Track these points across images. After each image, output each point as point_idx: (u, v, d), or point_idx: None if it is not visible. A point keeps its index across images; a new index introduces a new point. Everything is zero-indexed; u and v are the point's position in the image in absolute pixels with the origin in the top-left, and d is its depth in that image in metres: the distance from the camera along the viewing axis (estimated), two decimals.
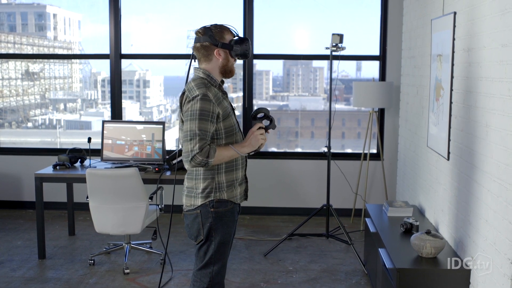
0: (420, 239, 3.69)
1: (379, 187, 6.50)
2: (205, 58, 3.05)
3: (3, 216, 6.61)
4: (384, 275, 3.85)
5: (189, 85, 3.00)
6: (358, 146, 7.34)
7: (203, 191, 3.02)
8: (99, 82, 8.38)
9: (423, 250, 3.66)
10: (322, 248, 5.53)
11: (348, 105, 8.02)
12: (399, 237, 4.21)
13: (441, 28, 4.44)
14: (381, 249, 4.05)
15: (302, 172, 6.66)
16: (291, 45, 7.32)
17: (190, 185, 3.07)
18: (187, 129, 2.89)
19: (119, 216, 4.68)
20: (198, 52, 3.06)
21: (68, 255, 5.30)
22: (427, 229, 3.76)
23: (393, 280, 3.60)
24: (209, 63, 3.05)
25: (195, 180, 3.04)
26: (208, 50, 3.02)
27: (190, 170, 3.05)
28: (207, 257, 3.07)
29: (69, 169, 5.26)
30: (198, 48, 3.05)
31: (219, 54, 3.02)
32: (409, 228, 4.26)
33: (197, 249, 3.10)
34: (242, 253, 5.37)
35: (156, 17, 7.44)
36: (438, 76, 4.47)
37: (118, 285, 4.60)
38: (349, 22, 7.03)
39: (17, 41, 7.94)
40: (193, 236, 3.08)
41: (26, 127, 8.32)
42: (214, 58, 3.03)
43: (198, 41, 3.03)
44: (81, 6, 8.05)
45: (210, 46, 3.01)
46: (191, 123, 2.88)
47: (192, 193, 3.05)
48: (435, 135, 4.53)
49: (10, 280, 4.71)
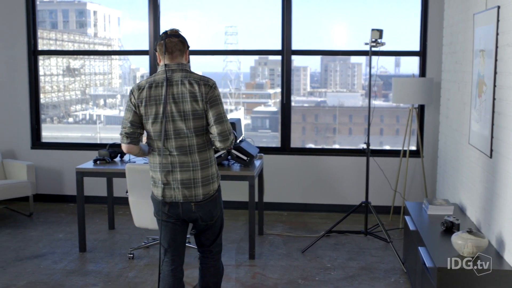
0: (461, 238, 3.62)
1: (419, 185, 6.42)
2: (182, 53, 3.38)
3: (45, 210, 6.75)
4: (424, 274, 3.80)
5: (195, 75, 3.29)
6: (397, 143, 7.26)
7: (216, 175, 3.40)
8: (138, 78, 8.46)
9: (465, 249, 3.59)
10: (360, 245, 5.48)
11: (387, 101, 7.93)
12: (439, 236, 4.14)
13: (484, 23, 4.34)
14: (421, 247, 4.00)
15: (340, 168, 6.62)
16: (329, 40, 7.26)
17: (206, 173, 3.32)
18: (219, 112, 3.24)
19: None
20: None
21: (108, 249, 5.38)
22: (469, 228, 3.69)
23: (433, 279, 3.54)
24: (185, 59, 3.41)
25: (210, 169, 3.35)
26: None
27: (204, 160, 3.30)
28: (220, 226, 3.54)
29: (109, 164, 5.34)
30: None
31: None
32: (450, 226, 4.18)
33: (212, 227, 3.47)
34: (280, 250, 5.37)
35: (194, 14, 7.48)
36: (480, 72, 4.38)
37: (156, 279, 4.64)
38: (388, 17, 6.95)
39: (58, 38, 8.08)
40: (213, 217, 3.43)
41: (67, 122, 8.47)
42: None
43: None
44: (121, 3, 8.16)
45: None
46: (221, 107, 3.27)
47: (210, 180, 3.34)
48: (477, 132, 4.44)
49: (52, 272, 4.80)
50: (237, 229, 5.97)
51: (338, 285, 4.54)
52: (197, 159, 3.28)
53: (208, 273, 3.59)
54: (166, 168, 3.29)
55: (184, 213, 3.35)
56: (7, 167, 6.70)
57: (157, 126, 3.24)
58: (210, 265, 3.59)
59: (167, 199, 3.32)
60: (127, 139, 3.31)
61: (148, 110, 3.24)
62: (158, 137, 3.26)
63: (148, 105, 3.24)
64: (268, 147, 6.93)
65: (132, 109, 3.28)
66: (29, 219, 6.40)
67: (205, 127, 3.27)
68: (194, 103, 3.20)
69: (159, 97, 3.23)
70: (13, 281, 4.59)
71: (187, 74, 3.26)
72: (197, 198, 3.30)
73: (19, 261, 5.07)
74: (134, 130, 3.30)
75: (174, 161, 3.27)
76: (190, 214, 3.35)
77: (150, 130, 3.29)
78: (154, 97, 3.24)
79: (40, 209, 6.78)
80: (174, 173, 3.28)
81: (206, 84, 3.24)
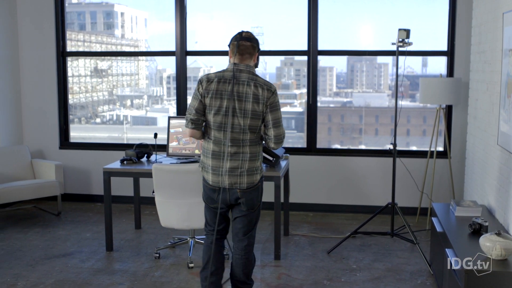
0: (489, 240, 3.57)
1: (446, 186, 6.35)
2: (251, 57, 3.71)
3: (73, 209, 6.84)
4: (451, 277, 3.75)
5: (260, 79, 3.63)
6: (423, 144, 7.18)
7: (260, 168, 3.75)
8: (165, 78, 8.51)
9: (493, 252, 3.54)
10: (386, 246, 5.44)
11: (413, 101, 7.85)
12: (467, 238, 4.09)
13: None
14: (448, 249, 3.95)
15: (366, 169, 6.58)
16: (355, 40, 7.22)
17: (252, 165, 3.66)
18: (277, 117, 3.63)
19: (184, 211, 4.75)
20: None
21: (135, 248, 5.43)
22: (497, 230, 3.63)
23: (461, 281, 3.50)
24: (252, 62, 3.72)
25: (256, 161, 3.69)
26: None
27: (253, 154, 3.66)
28: (257, 217, 3.84)
29: (136, 164, 5.38)
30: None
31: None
32: (477, 228, 4.13)
33: (249, 216, 3.77)
34: (306, 250, 5.35)
35: (221, 14, 7.50)
36: (510, 72, 4.31)
37: (182, 278, 4.67)
38: (415, 17, 6.87)
39: (86, 39, 8.17)
40: (254, 205, 3.74)
41: (95, 122, 8.55)
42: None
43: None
44: (148, 4, 8.20)
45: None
46: (279, 112, 3.65)
47: (254, 172, 3.68)
48: (506, 133, 4.37)
49: (80, 271, 4.86)
50: (263, 230, 5.98)
51: (363, 287, 4.52)
52: (247, 151, 3.64)
53: (240, 264, 3.86)
54: (219, 156, 3.63)
55: (231, 199, 3.70)
56: (36, 167, 6.80)
57: (218, 117, 3.59)
58: (243, 256, 3.85)
59: (215, 184, 3.67)
60: (192, 124, 3.67)
61: (213, 102, 3.59)
62: (217, 128, 3.61)
63: (214, 97, 3.58)
64: (294, 147, 6.92)
65: (198, 98, 3.63)
66: (57, 218, 6.49)
67: (259, 126, 3.64)
68: (255, 105, 3.57)
69: (225, 92, 3.58)
70: (42, 279, 4.66)
71: (253, 76, 3.62)
72: (241, 186, 3.65)
73: (47, 259, 5.15)
74: (199, 117, 3.66)
75: (226, 151, 3.60)
76: (236, 200, 3.70)
77: (210, 120, 3.63)
78: (220, 91, 3.58)
79: (68, 208, 6.87)
80: (224, 161, 3.62)
81: (269, 89, 3.61)
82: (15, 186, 6.25)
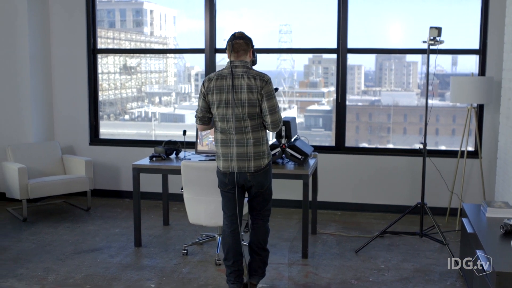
0: None
1: (477, 186, 6.26)
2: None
3: (102, 205, 6.91)
4: (482, 278, 3.70)
5: (253, 71, 3.97)
6: (453, 143, 7.10)
7: (267, 153, 4.08)
8: (193, 76, 8.54)
9: None
10: (415, 247, 5.40)
11: (443, 100, 7.77)
12: (498, 239, 4.03)
13: None
14: (478, 250, 3.90)
15: (395, 168, 6.54)
16: (384, 38, 7.16)
17: (257, 150, 4.00)
18: (273, 104, 3.94)
19: (212, 208, 4.76)
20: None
21: (163, 244, 5.47)
22: None
23: (492, 283, 3.45)
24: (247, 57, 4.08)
25: (261, 146, 4.02)
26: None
27: (256, 139, 3.99)
28: (269, 194, 4.20)
29: (164, 160, 5.42)
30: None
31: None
32: (509, 230, 4.06)
33: (262, 195, 4.13)
34: (333, 249, 5.34)
35: (249, 12, 7.50)
36: None
37: (210, 275, 4.69)
38: (445, 15, 6.79)
39: (116, 37, 8.25)
40: (263, 186, 4.08)
41: (123, 119, 8.62)
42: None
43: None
44: (177, 2, 8.24)
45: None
46: (274, 100, 3.97)
47: (261, 156, 4.02)
48: None
49: (109, 266, 4.92)
50: (291, 228, 5.97)
51: (392, 287, 4.48)
52: (251, 137, 3.97)
53: (259, 232, 4.23)
54: (226, 143, 4.00)
55: (240, 180, 4.03)
56: (67, 163, 6.89)
57: (221, 110, 3.96)
58: (260, 225, 4.23)
59: (225, 169, 4.03)
60: (199, 121, 4.14)
61: (215, 97, 3.97)
62: (221, 119, 3.98)
63: (214, 93, 3.97)
64: (322, 146, 6.90)
65: (202, 97, 4.06)
66: (87, 213, 6.57)
67: (257, 113, 3.96)
68: (250, 94, 3.90)
69: (223, 87, 3.95)
70: (71, 273, 4.72)
71: (247, 70, 3.97)
72: (249, 170, 4.00)
73: (77, 254, 5.21)
74: (204, 114, 4.10)
75: (232, 138, 3.98)
76: (246, 182, 4.04)
77: (215, 113, 4.02)
78: (219, 87, 3.96)
79: (97, 204, 6.95)
80: (231, 147, 3.98)
81: (262, 79, 3.93)
82: (46, 181, 6.34)
